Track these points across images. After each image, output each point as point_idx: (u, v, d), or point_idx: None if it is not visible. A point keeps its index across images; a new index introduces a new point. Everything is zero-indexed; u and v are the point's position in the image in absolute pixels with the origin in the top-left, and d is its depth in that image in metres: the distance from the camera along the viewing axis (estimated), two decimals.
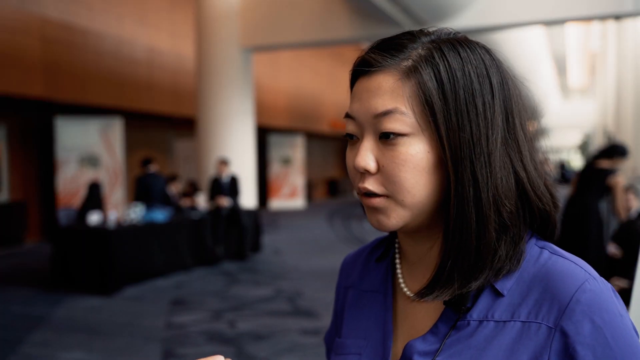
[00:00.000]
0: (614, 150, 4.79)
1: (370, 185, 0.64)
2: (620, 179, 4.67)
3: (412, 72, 0.62)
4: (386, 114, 0.62)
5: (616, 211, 4.66)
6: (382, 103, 0.62)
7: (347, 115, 0.67)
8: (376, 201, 0.64)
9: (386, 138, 0.62)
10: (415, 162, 0.62)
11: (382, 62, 0.63)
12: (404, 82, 0.62)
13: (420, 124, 0.62)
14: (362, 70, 0.65)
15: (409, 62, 0.63)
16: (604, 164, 4.76)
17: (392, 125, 0.62)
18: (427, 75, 0.62)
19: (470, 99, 0.62)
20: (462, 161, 0.61)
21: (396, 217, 0.64)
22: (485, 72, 0.63)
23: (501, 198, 0.62)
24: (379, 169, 0.63)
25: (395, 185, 0.62)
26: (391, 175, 0.62)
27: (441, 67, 0.62)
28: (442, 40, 0.65)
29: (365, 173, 0.64)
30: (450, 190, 0.62)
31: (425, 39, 0.65)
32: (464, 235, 0.62)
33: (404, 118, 0.61)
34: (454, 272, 0.62)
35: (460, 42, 0.64)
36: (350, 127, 0.66)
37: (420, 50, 0.63)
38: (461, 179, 0.61)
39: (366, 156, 0.63)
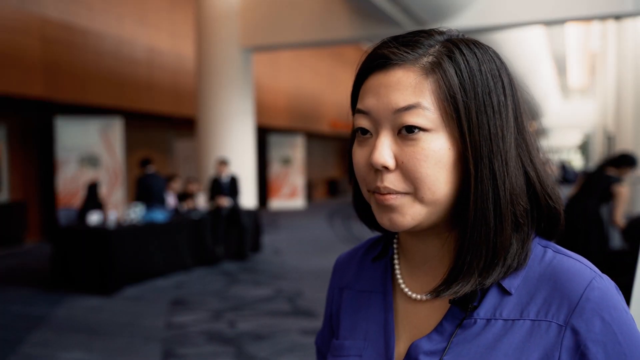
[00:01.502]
0: (622, 160, 4.80)
1: (390, 182, 0.62)
2: (625, 190, 4.67)
3: (435, 68, 0.62)
4: (408, 108, 0.61)
5: (614, 219, 4.67)
6: (404, 98, 0.61)
7: (359, 111, 0.65)
8: (393, 199, 0.63)
9: (408, 133, 0.62)
10: (437, 158, 0.61)
11: (403, 57, 0.63)
12: (426, 77, 0.62)
13: (443, 119, 0.62)
14: (377, 65, 0.64)
15: (430, 58, 0.63)
16: (611, 171, 4.77)
17: (415, 120, 0.61)
18: (450, 71, 0.62)
19: (487, 97, 0.63)
20: (482, 159, 0.62)
21: (412, 215, 0.63)
22: (497, 73, 0.64)
23: (516, 197, 0.63)
24: (397, 165, 0.62)
25: (416, 182, 0.62)
26: (412, 171, 0.61)
27: (462, 65, 0.62)
28: (458, 40, 0.65)
29: (382, 170, 0.63)
30: (467, 187, 0.63)
31: (439, 38, 0.65)
32: (483, 232, 0.62)
33: (426, 113, 0.61)
34: (472, 269, 0.63)
35: (474, 43, 0.65)
36: (363, 123, 0.65)
37: (439, 47, 0.64)
38: (481, 176, 0.62)
39: (384, 152, 0.62)
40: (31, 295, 6.14)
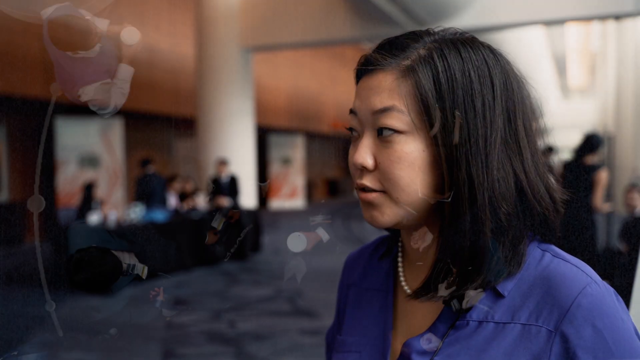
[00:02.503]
0: (594, 143, 4.70)
1: (367, 181, 0.65)
2: (605, 174, 4.65)
3: (409, 72, 0.63)
4: (384, 111, 0.63)
5: (595, 204, 4.63)
6: (380, 100, 0.63)
7: (351, 111, 0.68)
8: (371, 197, 0.65)
9: (383, 135, 0.63)
10: (410, 160, 0.62)
11: (382, 61, 0.64)
12: (401, 81, 0.63)
13: (416, 122, 0.62)
14: (365, 68, 0.66)
15: (407, 62, 0.63)
16: (590, 159, 4.69)
17: (389, 122, 0.62)
18: (424, 75, 0.62)
19: (469, 99, 0.62)
20: (457, 161, 0.61)
21: (389, 214, 0.64)
22: (487, 73, 0.63)
23: (497, 199, 0.61)
24: (377, 165, 0.64)
25: (391, 183, 0.63)
26: (387, 172, 0.63)
27: (439, 67, 0.62)
28: (445, 40, 0.64)
29: (362, 169, 0.65)
30: (445, 190, 0.62)
31: (428, 39, 0.65)
32: (459, 236, 0.61)
33: (400, 116, 0.62)
34: (450, 272, 0.62)
35: (463, 42, 0.64)
36: (353, 123, 0.68)
37: (421, 51, 0.64)
38: (456, 179, 0.61)
39: (364, 153, 0.64)
40: (31, 295, 6.13)
